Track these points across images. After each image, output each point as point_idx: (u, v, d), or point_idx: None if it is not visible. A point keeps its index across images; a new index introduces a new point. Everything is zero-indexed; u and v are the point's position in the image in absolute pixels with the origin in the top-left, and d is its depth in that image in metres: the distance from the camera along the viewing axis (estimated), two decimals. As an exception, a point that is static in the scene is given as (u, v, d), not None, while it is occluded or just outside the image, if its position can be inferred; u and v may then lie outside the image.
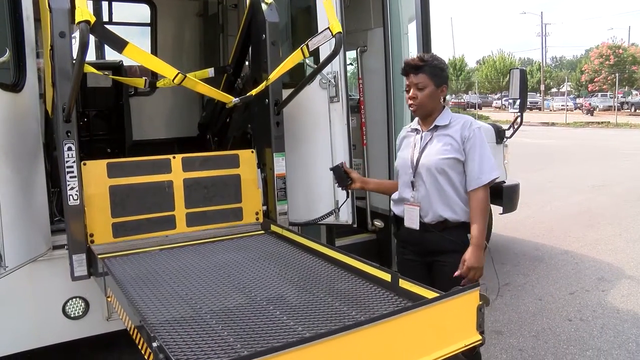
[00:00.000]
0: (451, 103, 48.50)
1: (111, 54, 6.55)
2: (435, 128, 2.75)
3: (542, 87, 55.17)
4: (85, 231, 2.98)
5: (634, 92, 51.55)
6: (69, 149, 2.82)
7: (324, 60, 3.20)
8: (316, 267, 2.77)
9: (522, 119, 5.84)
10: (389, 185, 3.09)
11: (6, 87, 2.78)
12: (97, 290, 3.04)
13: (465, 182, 2.68)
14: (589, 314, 4.68)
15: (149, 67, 2.83)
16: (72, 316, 3.38)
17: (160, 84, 3.90)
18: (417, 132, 2.84)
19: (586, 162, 15.47)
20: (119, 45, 2.59)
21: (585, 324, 4.47)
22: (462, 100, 53.95)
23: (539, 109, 51.31)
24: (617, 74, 41.81)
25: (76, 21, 2.15)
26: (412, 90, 2.71)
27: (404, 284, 2.26)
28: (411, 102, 2.73)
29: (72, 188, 2.85)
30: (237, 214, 3.56)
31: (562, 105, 43.94)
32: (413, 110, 2.76)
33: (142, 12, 6.43)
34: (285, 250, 3.11)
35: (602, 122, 33.89)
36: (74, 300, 3.34)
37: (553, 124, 34.89)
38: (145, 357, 1.89)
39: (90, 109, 5.47)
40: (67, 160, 2.82)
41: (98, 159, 5.61)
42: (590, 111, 42.48)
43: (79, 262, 2.91)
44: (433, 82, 2.69)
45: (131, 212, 3.20)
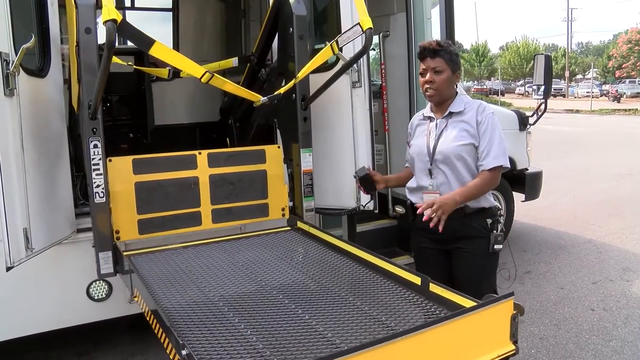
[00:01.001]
0: (474, 90, 47.92)
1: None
2: (449, 115, 2.73)
3: (567, 74, 54.20)
4: (111, 228, 2.99)
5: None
6: (95, 146, 2.82)
7: (354, 56, 3.17)
8: (344, 268, 2.73)
9: (546, 106, 5.75)
10: (406, 176, 3.06)
11: (31, 73, 2.81)
12: (120, 273, 3.08)
13: None
14: (613, 304, 4.62)
15: (176, 65, 2.81)
16: (95, 298, 3.45)
17: (184, 74, 3.89)
18: (430, 120, 2.82)
19: (611, 149, 15.18)
20: (146, 44, 2.58)
21: (609, 314, 4.42)
22: (485, 87, 53.24)
23: (563, 95, 50.44)
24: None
25: (103, 20, 2.14)
26: (428, 74, 2.68)
27: (434, 288, 2.21)
28: (428, 86, 2.70)
29: (98, 186, 2.86)
30: (263, 210, 3.53)
31: (587, 92, 43.12)
32: (429, 95, 2.72)
33: (165, -3, 6.46)
34: (312, 249, 3.08)
35: (630, 110, 33.18)
36: (97, 282, 3.40)
37: (577, 111, 34.31)
38: None
39: (113, 94, 5.53)
40: (93, 158, 2.82)
41: (121, 143, 5.71)
42: (617, 98, 41.57)
43: (105, 259, 2.92)
44: (450, 67, 2.67)
45: (157, 208, 3.19)
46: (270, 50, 4.21)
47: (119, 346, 3.97)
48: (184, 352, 1.72)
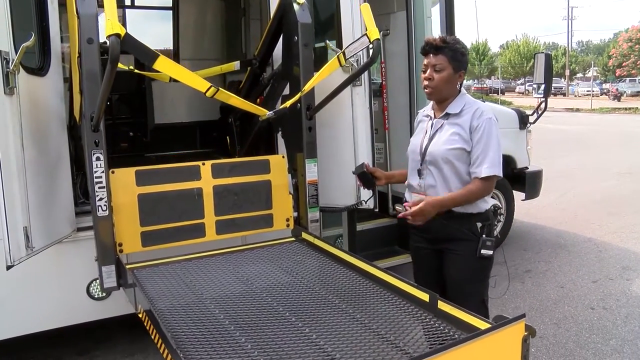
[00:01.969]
0: (474, 88, 47.88)
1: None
2: (446, 116, 2.65)
3: (567, 72, 54.16)
4: (114, 241, 2.94)
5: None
6: (98, 158, 2.76)
7: (361, 67, 3.14)
8: (350, 282, 2.66)
9: (546, 105, 5.74)
10: None
11: (31, 71, 2.81)
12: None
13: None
14: (613, 303, 4.62)
15: (181, 80, 2.76)
16: (96, 297, 3.45)
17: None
18: (429, 118, 2.75)
19: (611, 148, 15.19)
20: (150, 57, 2.55)
21: (609, 313, 4.42)
22: (485, 86, 53.20)
23: (564, 94, 50.40)
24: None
25: (106, 34, 2.11)
26: (428, 71, 2.59)
27: (443, 305, 2.16)
28: (426, 83, 2.62)
29: (100, 199, 2.80)
30: (268, 220, 3.48)
31: (588, 91, 43.08)
32: (427, 93, 2.65)
33: (164, -5, 6.46)
34: (318, 262, 3.02)
35: (630, 108, 33.14)
36: (98, 281, 3.40)
37: (578, 109, 34.27)
38: None
39: (113, 92, 5.51)
40: (96, 171, 2.76)
41: (121, 142, 5.70)
42: (617, 97, 41.55)
43: (109, 273, 2.88)
44: (452, 65, 2.57)
45: (160, 220, 3.13)
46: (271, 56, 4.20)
47: (119, 345, 3.97)
48: None
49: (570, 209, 8.15)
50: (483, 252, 2.58)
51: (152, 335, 2.29)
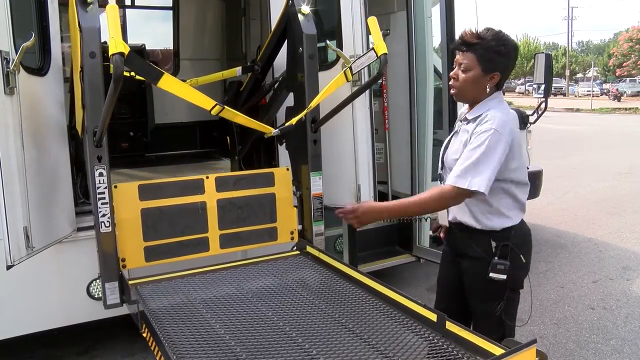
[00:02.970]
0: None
1: (133, 37, 6.60)
2: (465, 120, 2.41)
3: (567, 72, 54.13)
4: (117, 257, 2.89)
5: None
6: (100, 174, 2.71)
7: (368, 81, 3.12)
8: (356, 299, 2.59)
9: (546, 105, 5.73)
10: None
11: (31, 71, 2.80)
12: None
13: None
14: (613, 303, 4.62)
15: (186, 98, 2.73)
16: (96, 297, 3.45)
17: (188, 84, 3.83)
18: (460, 120, 2.52)
19: (612, 149, 15.18)
20: (155, 76, 2.53)
21: (609, 313, 4.42)
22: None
23: (564, 94, 50.37)
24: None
25: (110, 53, 2.07)
26: (455, 69, 2.35)
27: (451, 326, 2.09)
28: (451, 82, 2.38)
29: (103, 215, 2.75)
30: (272, 233, 3.43)
31: (588, 91, 43.03)
32: (452, 93, 2.42)
33: (164, -5, 6.48)
34: (322, 278, 2.96)
35: (630, 108, 33.12)
36: (98, 281, 3.39)
37: (578, 110, 34.24)
38: None
39: None
40: (99, 187, 2.71)
41: (121, 143, 5.70)
42: (618, 97, 41.51)
43: (112, 290, 2.82)
44: (481, 66, 2.27)
45: (164, 235, 3.08)
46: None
47: (119, 344, 3.98)
48: None
49: (570, 209, 8.16)
50: (492, 275, 2.34)
51: (156, 358, 2.26)
